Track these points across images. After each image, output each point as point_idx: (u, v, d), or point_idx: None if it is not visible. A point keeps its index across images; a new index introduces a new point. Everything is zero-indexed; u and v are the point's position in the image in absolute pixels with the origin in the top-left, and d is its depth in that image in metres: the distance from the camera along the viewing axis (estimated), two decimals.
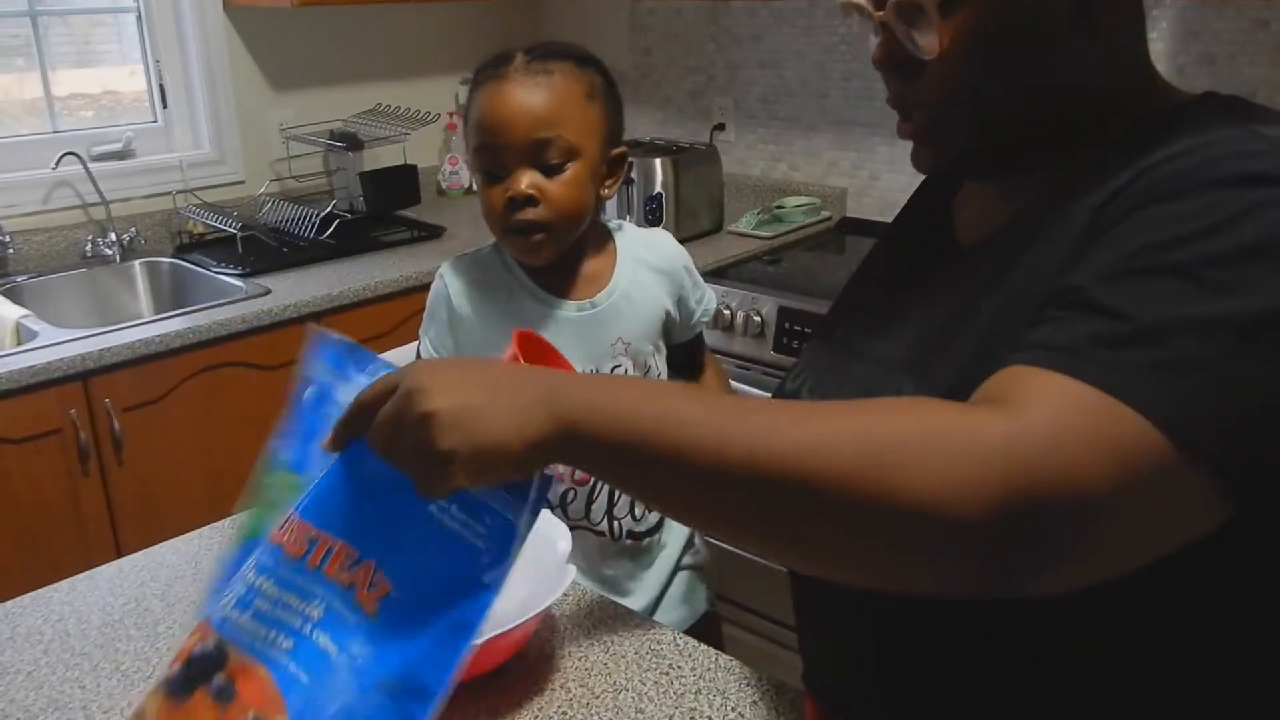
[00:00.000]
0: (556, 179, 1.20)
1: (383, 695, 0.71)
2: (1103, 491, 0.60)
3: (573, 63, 1.23)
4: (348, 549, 0.74)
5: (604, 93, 1.24)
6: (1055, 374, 0.64)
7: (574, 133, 1.19)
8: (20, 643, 1.07)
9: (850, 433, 0.62)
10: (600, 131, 1.23)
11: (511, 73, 1.20)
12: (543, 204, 1.20)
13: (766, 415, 0.65)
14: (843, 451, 0.61)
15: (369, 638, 0.72)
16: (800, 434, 0.62)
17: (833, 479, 0.61)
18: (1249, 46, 2.10)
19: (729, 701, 0.95)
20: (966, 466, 0.60)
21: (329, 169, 2.90)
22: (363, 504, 0.73)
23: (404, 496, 0.70)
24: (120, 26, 2.64)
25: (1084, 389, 0.63)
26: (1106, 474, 0.60)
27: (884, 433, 0.62)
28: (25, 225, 2.43)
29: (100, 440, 2.00)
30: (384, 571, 0.73)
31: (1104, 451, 0.61)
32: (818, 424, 0.64)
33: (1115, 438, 0.61)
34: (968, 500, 0.59)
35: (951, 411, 0.64)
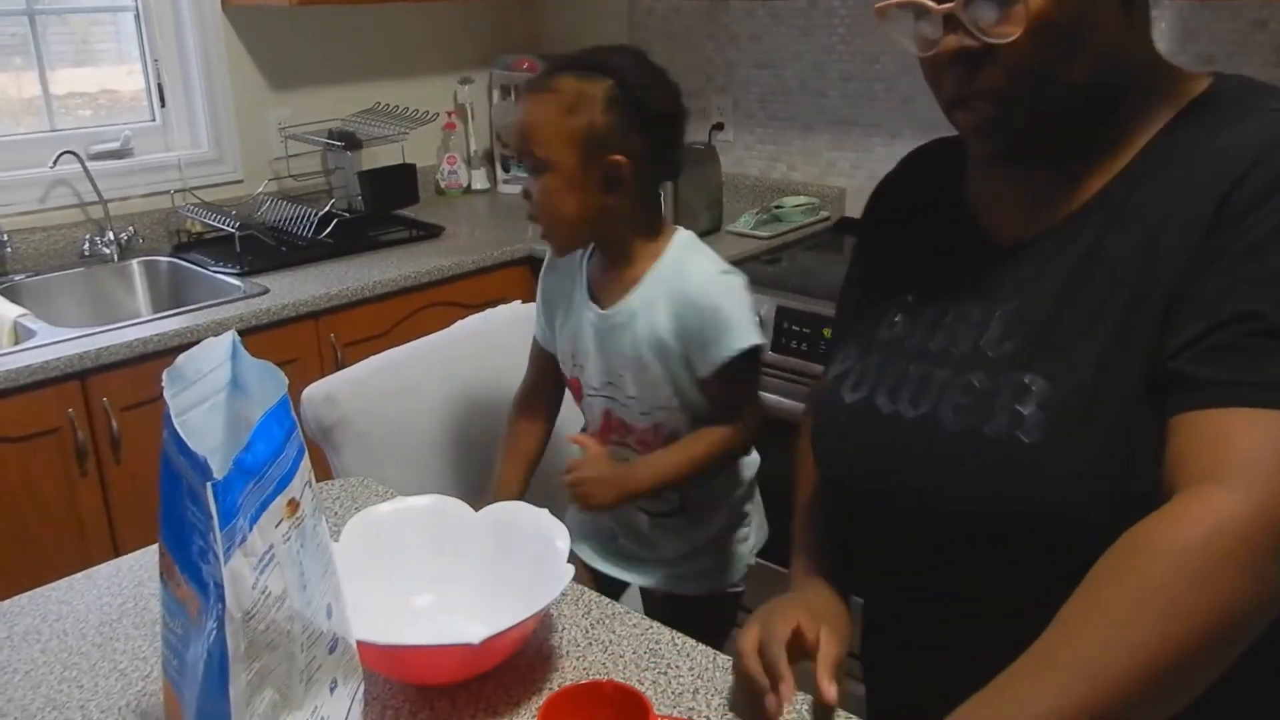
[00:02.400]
0: (537, 185, 1.31)
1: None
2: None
3: (575, 75, 1.28)
4: (168, 558, 0.75)
5: (601, 103, 1.27)
6: (1268, 412, 0.67)
7: (544, 148, 1.28)
8: (18, 642, 1.07)
9: (1149, 623, 0.67)
10: (579, 141, 1.27)
11: (524, 88, 1.35)
12: (532, 204, 1.33)
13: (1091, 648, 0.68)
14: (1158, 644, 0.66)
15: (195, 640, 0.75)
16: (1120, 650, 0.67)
17: (1175, 665, 0.66)
18: (1248, 46, 2.10)
19: (727, 700, 0.95)
20: (1241, 572, 0.66)
21: (327, 168, 2.90)
22: (168, 510, 0.75)
23: (176, 488, 0.73)
24: (118, 25, 2.63)
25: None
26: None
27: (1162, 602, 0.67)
28: (23, 224, 2.43)
29: (98, 439, 2.00)
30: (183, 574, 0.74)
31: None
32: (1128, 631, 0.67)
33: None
34: (1260, 595, 0.66)
35: (1193, 528, 0.67)
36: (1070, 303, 0.82)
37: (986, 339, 0.86)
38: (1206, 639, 0.66)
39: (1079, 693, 0.66)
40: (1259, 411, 0.66)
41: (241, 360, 0.83)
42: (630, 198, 1.30)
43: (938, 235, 0.96)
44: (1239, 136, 0.79)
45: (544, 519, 1.09)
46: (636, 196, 1.31)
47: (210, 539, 0.69)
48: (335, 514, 1.32)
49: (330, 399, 1.49)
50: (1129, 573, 0.69)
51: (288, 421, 0.76)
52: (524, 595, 0.99)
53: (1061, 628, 0.70)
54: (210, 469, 0.69)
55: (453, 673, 0.97)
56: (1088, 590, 0.70)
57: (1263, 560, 0.65)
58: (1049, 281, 0.84)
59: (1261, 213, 0.74)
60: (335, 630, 0.83)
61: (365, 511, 1.13)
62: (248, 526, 0.71)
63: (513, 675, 1.00)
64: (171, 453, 0.73)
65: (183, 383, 0.79)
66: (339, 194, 2.86)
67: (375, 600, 1.02)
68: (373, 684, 0.98)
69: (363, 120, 2.86)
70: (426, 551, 1.10)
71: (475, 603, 1.07)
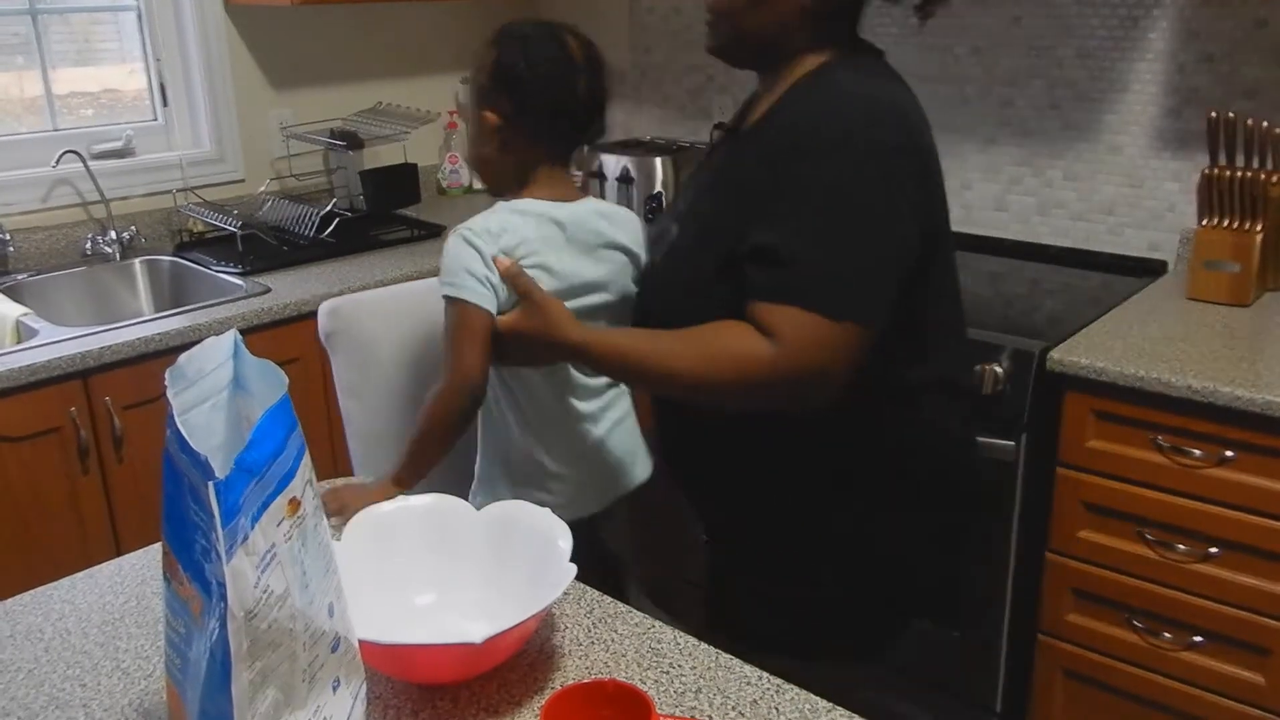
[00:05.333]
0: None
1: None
2: (830, 368, 1.16)
3: (485, 43, 1.54)
4: (170, 557, 0.75)
5: (487, 66, 1.50)
6: (784, 306, 1.15)
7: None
8: (20, 640, 1.07)
9: (713, 361, 1.19)
10: (472, 97, 1.53)
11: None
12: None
13: (661, 346, 1.23)
14: (701, 369, 1.19)
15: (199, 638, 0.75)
16: (678, 358, 1.21)
17: (693, 380, 1.20)
18: (1248, 46, 2.10)
19: (729, 700, 0.95)
20: (759, 379, 1.16)
21: (329, 167, 2.90)
22: (171, 509, 0.74)
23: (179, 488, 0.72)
24: (120, 25, 2.64)
25: (800, 312, 1.14)
26: (828, 358, 1.15)
27: (729, 362, 1.18)
28: (25, 223, 2.43)
29: (100, 438, 2.00)
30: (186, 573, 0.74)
31: (825, 344, 1.15)
32: (682, 348, 1.21)
33: (828, 336, 1.15)
34: (759, 390, 1.18)
35: (749, 342, 1.16)
36: (719, 183, 1.33)
37: (686, 196, 1.42)
38: (704, 385, 1.20)
39: (631, 345, 1.26)
40: (777, 306, 1.15)
41: (243, 359, 0.83)
42: (503, 153, 1.48)
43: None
44: (813, 102, 1.22)
45: (546, 518, 1.09)
46: (507, 152, 1.48)
47: (212, 538, 0.70)
48: (334, 517, 1.32)
49: (335, 311, 1.68)
50: (712, 339, 1.19)
51: (289, 420, 0.76)
52: (526, 594, 0.99)
53: (656, 333, 1.26)
54: (212, 468, 0.69)
55: (455, 672, 0.97)
56: (689, 330, 1.22)
57: (766, 383, 1.16)
58: (722, 163, 1.35)
59: (794, 165, 1.17)
60: (337, 629, 0.83)
61: (367, 510, 1.13)
62: (249, 525, 0.71)
63: (515, 674, 1.00)
64: (174, 451, 0.73)
65: (184, 382, 0.79)
66: (340, 193, 2.86)
67: (377, 599, 1.02)
68: (375, 683, 0.98)
69: (364, 120, 2.86)
70: (428, 550, 1.10)
71: (477, 601, 1.07)
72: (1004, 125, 2.48)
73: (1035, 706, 2.02)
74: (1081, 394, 1.82)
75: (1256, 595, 1.71)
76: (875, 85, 1.23)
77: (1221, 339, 1.87)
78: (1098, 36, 2.31)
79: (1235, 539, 1.71)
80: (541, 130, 1.47)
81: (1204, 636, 1.78)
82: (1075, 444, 1.84)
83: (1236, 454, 1.69)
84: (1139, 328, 1.94)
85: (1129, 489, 1.80)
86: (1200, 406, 1.69)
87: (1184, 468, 1.74)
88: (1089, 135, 2.37)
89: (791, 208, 1.17)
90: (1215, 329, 1.92)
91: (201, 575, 0.72)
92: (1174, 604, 1.80)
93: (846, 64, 1.26)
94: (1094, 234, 2.41)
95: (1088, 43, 2.32)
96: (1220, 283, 2.04)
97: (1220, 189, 2.01)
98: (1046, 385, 1.85)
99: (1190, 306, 2.05)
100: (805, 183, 1.17)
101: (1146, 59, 2.25)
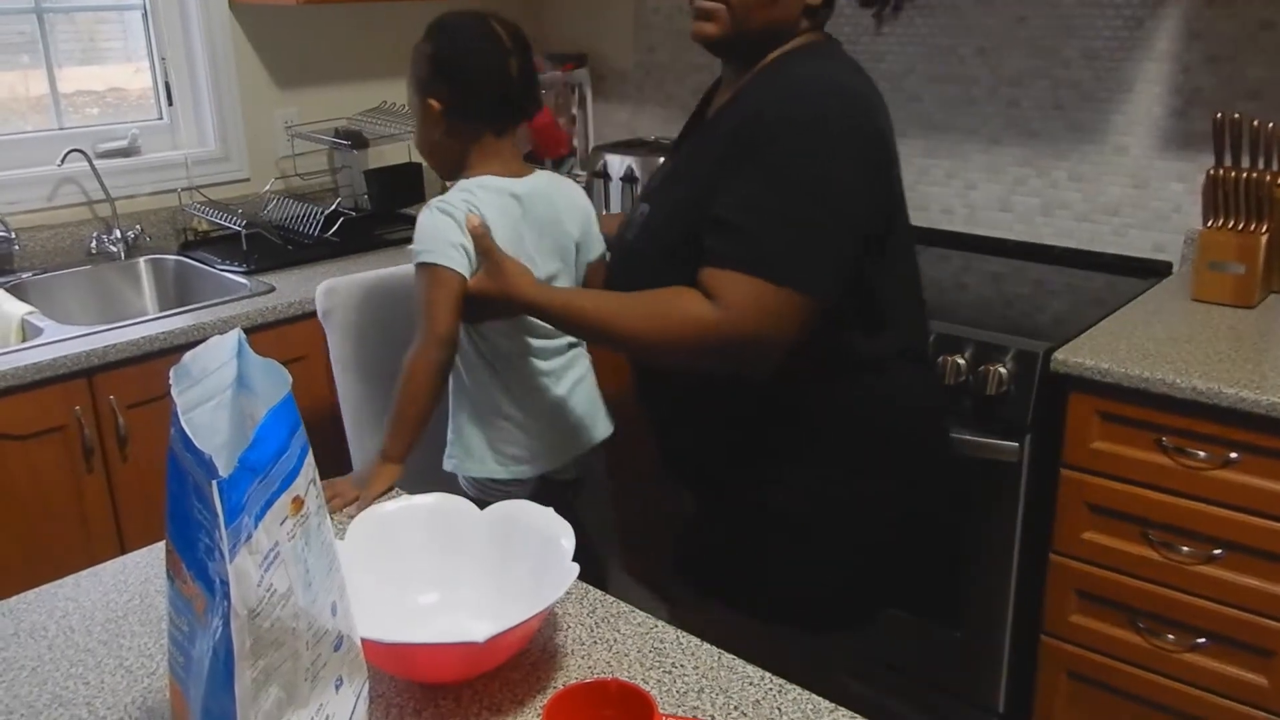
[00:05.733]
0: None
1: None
2: (770, 333, 1.21)
3: (423, 36, 1.68)
4: (174, 555, 0.75)
5: (424, 58, 1.64)
6: (729, 271, 1.21)
7: (407, 90, 1.68)
8: (24, 638, 1.07)
9: (659, 320, 1.25)
10: (413, 87, 1.66)
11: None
12: None
13: (611, 304, 1.32)
14: (645, 327, 1.27)
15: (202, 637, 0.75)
16: (640, 324, 1.27)
17: (638, 339, 1.28)
18: (1252, 47, 2.10)
19: (731, 700, 0.95)
20: (698, 339, 1.22)
21: (334, 167, 2.90)
22: (175, 507, 0.74)
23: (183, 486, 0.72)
24: (126, 24, 2.64)
25: (743, 276, 1.20)
26: (768, 323, 1.21)
27: (675, 321, 1.24)
28: (30, 222, 2.43)
29: (104, 437, 2.01)
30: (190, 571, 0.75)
31: (765, 309, 1.21)
32: (630, 308, 1.29)
33: (769, 301, 1.20)
34: (700, 352, 1.24)
35: (694, 304, 1.22)
36: (686, 165, 1.39)
37: (657, 180, 1.47)
38: (649, 344, 1.27)
39: (582, 304, 1.34)
40: (722, 271, 1.21)
41: (247, 358, 0.83)
42: (449, 136, 1.62)
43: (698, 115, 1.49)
44: (777, 86, 1.27)
45: (549, 517, 1.09)
46: (453, 136, 1.62)
47: (216, 536, 0.70)
48: (340, 512, 1.32)
49: (331, 290, 1.84)
50: (660, 300, 1.26)
51: (292, 419, 0.76)
52: (528, 593, 0.99)
53: (610, 294, 1.39)
54: (216, 467, 0.69)
55: (457, 671, 0.97)
56: (642, 292, 1.30)
57: (707, 344, 1.23)
58: (689, 147, 1.42)
59: (756, 144, 1.23)
60: (340, 628, 0.83)
61: (370, 509, 1.13)
62: (253, 524, 0.71)
63: (517, 674, 1.00)
64: (178, 450, 0.73)
65: (189, 380, 0.79)
66: (345, 192, 2.86)
67: (380, 598, 1.02)
68: (378, 682, 0.98)
69: (369, 119, 2.86)
70: (431, 549, 1.10)
71: (480, 601, 1.07)
72: (1009, 125, 2.48)
73: (1038, 707, 2.02)
74: (1086, 395, 1.81)
75: (1260, 597, 1.71)
76: (836, 70, 1.30)
77: (1226, 340, 1.86)
78: (1103, 37, 2.30)
79: (1239, 540, 1.71)
80: (483, 110, 1.61)
81: (1207, 638, 1.78)
82: (1079, 445, 1.84)
83: (1241, 456, 1.69)
84: (1143, 329, 1.93)
85: (1133, 490, 1.80)
86: (1205, 408, 1.69)
87: (1188, 469, 1.74)
88: (1094, 136, 2.36)
89: (749, 181, 1.23)
90: (1220, 330, 1.92)
91: (205, 574, 0.72)
92: (1177, 605, 1.80)
93: (809, 51, 1.33)
94: (1098, 235, 2.41)
95: (1093, 43, 2.32)
96: (1225, 284, 2.03)
97: (1225, 190, 2.01)
98: (1051, 386, 1.85)
99: (1195, 308, 2.04)
100: (765, 159, 1.23)
101: (1151, 59, 2.25)
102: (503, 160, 1.63)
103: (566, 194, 1.70)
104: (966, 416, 1.92)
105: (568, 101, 3.16)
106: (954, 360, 1.90)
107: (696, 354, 1.25)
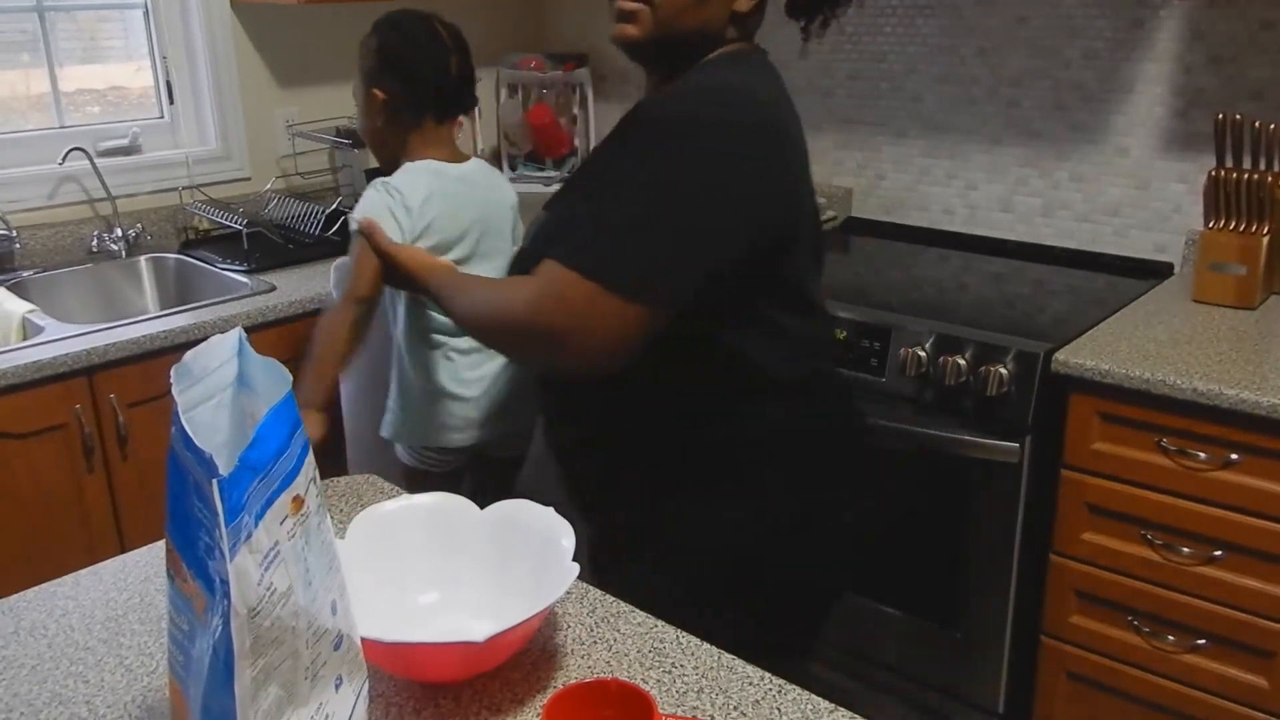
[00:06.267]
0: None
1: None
2: (572, 326, 1.12)
3: (369, 31, 1.83)
4: (175, 554, 0.75)
5: (370, 52, 1.79)
6: (549, 260, 1.15)
7: (353, 82, 1.84)
8: (24, 637, 1.07)
9: (486, 304, 1.24)
10: (359, 78, 1.81)
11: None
12: None
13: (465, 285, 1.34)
14: (490, 315, 1.23)
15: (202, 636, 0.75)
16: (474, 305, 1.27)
17: (474, 323, 1.27)
18: (1254, 47, 2.10)
19: (731, 700, 0.95)
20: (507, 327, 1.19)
21: (334, 165, 2.90)
22: (175, 506, 0.74)
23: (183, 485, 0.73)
24: (127, 22, 2.64)
25: (556, 265, 1.14)
26: (572, 314, 1.12)
27: (495, 306, 1.21)
28: (31, 220, 2.43)
29: (105, 435, 2.01)
30: (190, 570, 0.75)
31: (570, 304, 1.12)
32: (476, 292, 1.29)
33: (576, 295, 1.12)
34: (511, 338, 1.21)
35: (518, 292, 1.17)
36: (580, 172, 1.42)
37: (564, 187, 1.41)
38: (481, 327, 1.26)
39: (445, 282, 1.34)
40: (545, 260, 1.16)
41: (247, 357, 0.83)
42: (391, 125, 1.77)
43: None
44: (669, 91, 1.24)
45: (549, 517, 1.09)
46: (395, 124, 1.77)
47: (216, 535, 0.70)
48: (341, 511, 1.32)
49: (342, 266, 1.90)
50: (499, 287, 1.28)
51: (293, 418, 0.76)
52: (528, 593, 0.99)
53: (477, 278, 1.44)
54: (216, 465, 0.69)
55: (457, 670, 0.97)
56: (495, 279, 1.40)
57: (514, 330, 1.18)
58: (590, 156, 1.39)
59: (614, 143, 1.26)
60: (340, 627, 0.83)
61: (370, 509, 1.13)
62: (253, 523, 0.71)
63: (517, 673, 1.00)
64: (178, 449, 0.73)
65: (189, 379, 0.79)
66: (346, 191, 2.86)
67: (380, 597, 1.02)
68: (377, 681, 0.98)
69: None
70: (431, 549, 1.10)
71: (480, 600, 1.07)
72: (1010, 126, 2.48)
73: (1038, 709, 2.02)
74: (1086, 396, 1.81)
75: (1260, 598, 1.71)
76: (742, 76, 1.22)
77: (1227, 341, 1.86)
78: (1104, 38, 2.30)
79: (1239, 542, 1.71)
80: (424, 102, 1.77)
81: (1207, 639, 1.78)
82: (1080, 446, 1.84)
83: (1242, 457, 1.69)
84: (1144, 330, 1.93)
85: (1133, 491, 1.80)
86: (1205, 409, 1.69)
87: (1189, 470, 1.74)
88: (1095, 136, 2.36)
89: (599, 178, 1.24)
90: (1221, 331, 1.92)
91: (205, 572, 0.72)
92: (1177, 606, 1.80)
93: (729, 58, 1.25)
94: (1100, 235, 2.41)
95: (1094, 44, 2.32)
96: (1226, 285, 2.03)
97: (1227, 191, 2.01)
98: (1051, 387, 1.85)
99: (1196, 309, 2.04)
100: (622, 156, 1.21)
101: (1153, 60, 2.25)
102: (441, 147, 1.80)
103: (497, 185, 1.88)
104: (967, 417, 1.92)
105: (569, 101, 3.16)
106: (954, 361, 1.90)
107: (507, 343, 1.25)
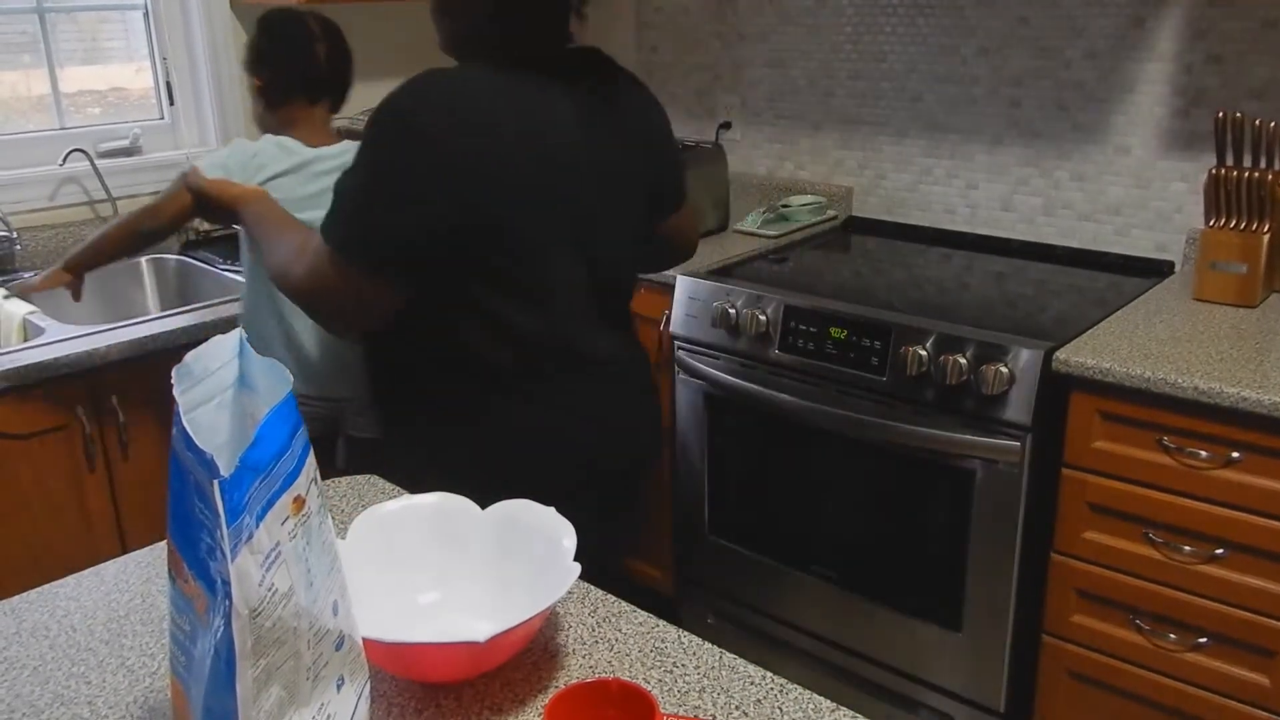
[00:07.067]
0: None
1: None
2: (331, 288, 1.38)
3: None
4: (176, 555, 0.75)
5: (254, 46, 1.94)
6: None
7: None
8: (26, 638, 1.07)
9: (284, 252, 1.47)
10: (244, 70, 1.97)
11: None
12: None
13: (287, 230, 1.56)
14: (285, 261, 1.46)
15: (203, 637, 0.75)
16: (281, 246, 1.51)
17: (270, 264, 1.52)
18: (1256, 46, 2.10)
19: (733, 700, 0.95)
20: (305, 285, 1.41)
21: None
22: (177, 506, 0.74)
23: (185, 485, 0.72)
24: (127, 23, 2.64)
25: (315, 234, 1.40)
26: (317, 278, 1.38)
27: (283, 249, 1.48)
28: (32, 221, 2.44)
29: (106, 436, 2.01)
30: (191, 570, 0.74)
31: (313, 264, 1.39)
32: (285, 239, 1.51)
33: (317, 257, 1.38)
34: (311, 300, 1.42)
35: (300, 247, 1.43)
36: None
37: None
38: (271, 272, 1.48)
39: (255, 213, 1.65)
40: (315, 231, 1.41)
41: (248, 358, 0.83)
42: (269, 110, 1.94)
43: None
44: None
45: (550, 517, 1.09)
46: (272, 109, 1.94)
47: (217, 536, 0.70)
48: (342, 511, 1.32)
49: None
50: (296, 236, 1.49)
51: (293, 419, 0.76)
52: (530, 593, 0.99)
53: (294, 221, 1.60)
54: (217, 466, 0.69)
55: (458, 670, 0.97)
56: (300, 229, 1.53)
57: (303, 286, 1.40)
58: None
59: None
60: (341, 627, 0.83)
61: (371, 509, 1.13)
62: (254, 524, 0.71)
63: (518, 673, 1.00)
64: (179, 449, 0.73)
65: (191, 380, 0.79)
66: None
67: (381, 598, 1.02)
68: (379, 681, 0.98)
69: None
70: (432, 549, 1.10)
71: (481, 600, 1.07)
72: (1011, 125, 2.48)
73: (1039, 707, 2.02)
74: (1087, 395, 1.81)
75: (1262, 597, 1.71)
76: (440, 75, 1.41)
77: (1228, 340, 1.86)
78: (1105, 37, 2.30)
79: (1241, 540, 1.71)
80: (294, 87, 1.94)
81: (1209, 638, 1.78)
82: (1081, 445, 1.84)
83: (1243, 455, 1.68)
84: (1145, 328, 1.93)
85: (1134, 490, 1.80)
86: (1207, 408, 1.69)
87: (1190, 469, 1.74)
88: (1096, 136, 2.36)
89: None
90: (1222, 330, 1.92)
91: (206, 573, 0.72)
92: (1179, 605, 1.80)
93: (459, 65, 1.50)
94: (1101, 235, 2.41)
95: (1095, 43, 2.32)
96: (1227, 284, 2.03)
97: (1228, 190, 2.01)
98: (1052, 386, 1.85)
99: (1197, 307, 2.04)
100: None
101: (1154, 59, 2.25)
102: (311, 131, 1.95)
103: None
104: (968, 416, 1.92)
105: None
106: (956, 359, 1.90)
107: (286, 292, 1.45)
